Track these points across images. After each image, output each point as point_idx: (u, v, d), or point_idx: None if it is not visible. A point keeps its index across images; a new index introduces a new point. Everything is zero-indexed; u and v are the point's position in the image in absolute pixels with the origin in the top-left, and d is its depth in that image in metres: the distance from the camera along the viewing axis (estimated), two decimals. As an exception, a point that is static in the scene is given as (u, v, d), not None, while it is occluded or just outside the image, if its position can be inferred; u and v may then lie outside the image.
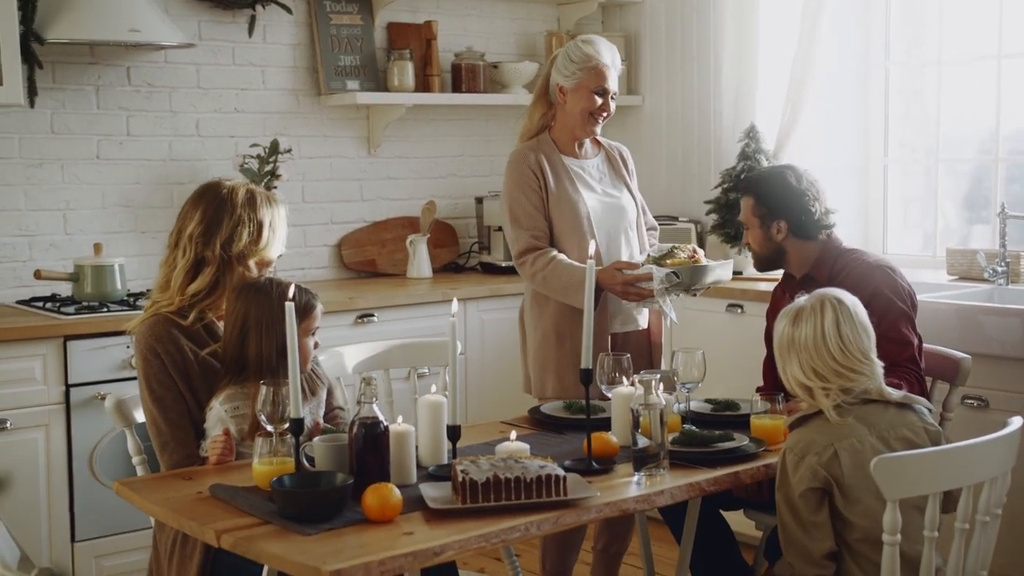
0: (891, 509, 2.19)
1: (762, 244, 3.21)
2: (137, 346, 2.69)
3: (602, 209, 3.47)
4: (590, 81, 3.43)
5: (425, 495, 2.30)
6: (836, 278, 3.05)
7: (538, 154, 3.46)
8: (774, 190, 3.17)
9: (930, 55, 4.84)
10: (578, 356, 3.30)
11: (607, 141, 3.66)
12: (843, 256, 3.15)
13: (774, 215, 3.16)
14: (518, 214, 3.43)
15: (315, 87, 4.78)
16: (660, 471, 2.46)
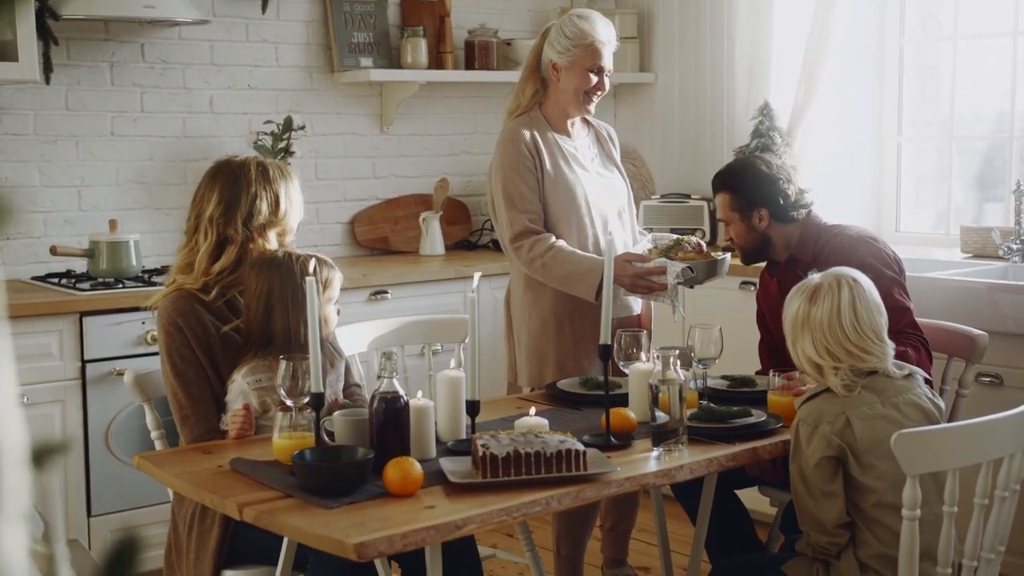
0: (911, 484, 2.20)
1: (746, 236, 3.17)
2: (160, 320, 2.70)
3: (598, 191, 3.38)
4: (585, 59, 3.30)
5: (445, 469, 2.31)
6: (820, 255, 3.05)
7: (532, 131, 3.32)
8: (748, 180, 3.15)
9: (945, 31, 4.82)
10: (579, 343, 3.33)
11: (594, 120, 3.54)
12: (824, 233, 3.14)
13: (753, 204, 3.14)
14: (513, 195, 3.29)
15: (328, 64, 4.78)
16: (679, 447, 2.47)
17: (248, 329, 2.68)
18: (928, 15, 4.96)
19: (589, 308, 3.27)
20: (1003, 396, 3.63)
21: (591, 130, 3.51)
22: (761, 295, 3.33)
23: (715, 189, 3.24)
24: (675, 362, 2.51)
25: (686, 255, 3.21)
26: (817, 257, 3.05)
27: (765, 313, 3.31)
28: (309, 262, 2.58)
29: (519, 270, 3.39)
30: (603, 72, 3.34)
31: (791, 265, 3.13)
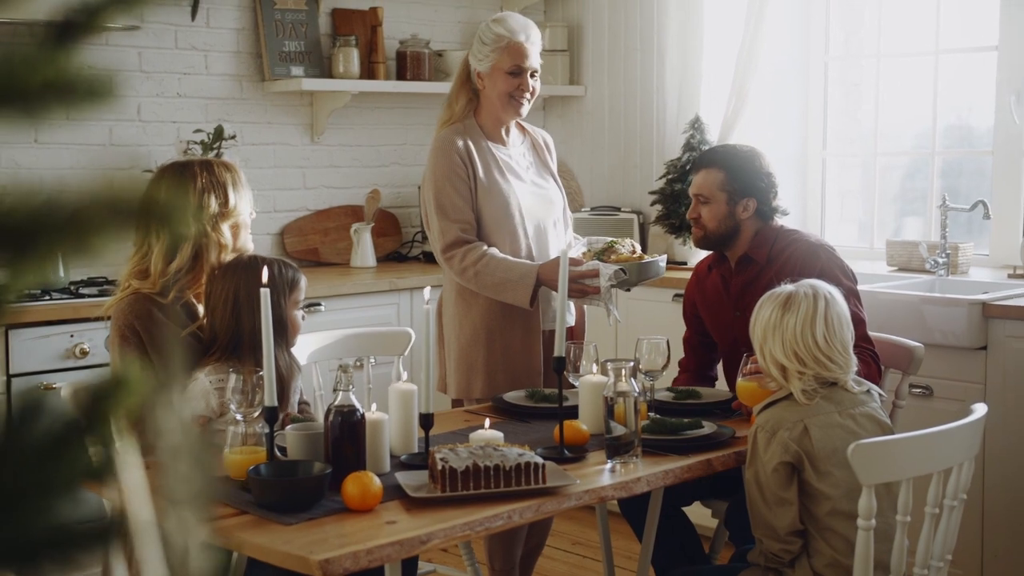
0: (866, 494, 2.23)
1: (722, 220, 3.11)
2: (115, 323, 2.65)
3: (532, 201, 3.34)
4: (504, 62, 3.25)
5: (403, 483, 2.28)
6: (778, 259, 3.05)
7: (465, 140, 3.28)
8: (747, 167, 3.12)
9: (868, 48, 4.93)
10: (509, 356, 3.29)
11: (531, 127, 3.51)
12: (782, 236, 3.13)
13: (745, 192, 3.09)
14: (445, 205, 3.24)
15: (259, 73, 4.72)
16: (634, 459, 2.47)
17: (212, 331, 2.63)
18: (851, 32, 5.07)
19: (519, 320, 3.26)
20: (933, 407, 3.71)
21: (527, 138, 3.47)
22: (695, 290, 3.30)
23: (708, 163, 3.15)
24: (627, 374, 2.51)
25: (620, 257, 3.16)
26: (773, 259, 3.05)
27: (699, 309, 3.28)
28: (272, 266, 2.56)
29: (451, 281, 3.34)
30: (525, 72, 3.27)
31: (744, 264, 3.11)
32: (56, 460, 0.48)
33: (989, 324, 3.65)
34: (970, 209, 4.24)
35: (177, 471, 0.49)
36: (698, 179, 3.16)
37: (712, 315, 3.22)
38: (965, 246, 4.33)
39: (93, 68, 0.47)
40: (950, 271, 4.25)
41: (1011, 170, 4.39)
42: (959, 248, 4.30)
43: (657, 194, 4.85)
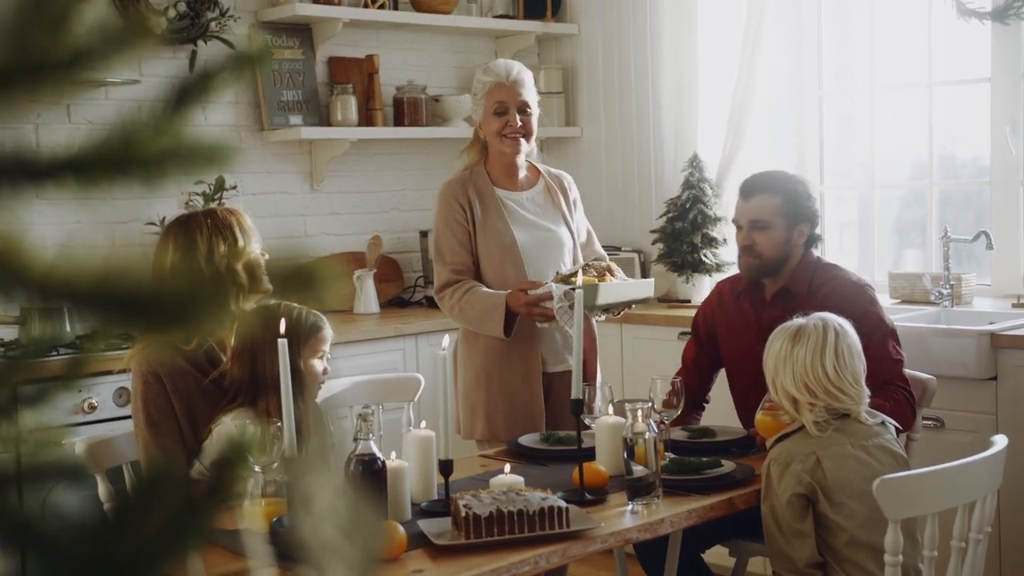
0: (892, 530, 2.22)
1: (779, 247, 3.04)
2: (137, 370, 2.65)
3: (533, 243, 3.35)
4: (489, 104, 3.33)
5: (426, 531, 2.27)
6: (818, 293, 3.01)
7: (467, 185, 3.36)
8: (800, 192, 3.07)
9: (861, 82, 4.97)
10: (507, 398, 3.29)
11: (548, 169, 3.54)
12: (821, 270, 3.09)
13: (801, 217, 3.04)
14: (442, 248, 3.34)
15: (258, 122, 4.73)
16: (656, 499, 2.46)
17: (234, 378, 2.63)
18: (844, 66, 5.11)
19: (517, 361, 3.28)
20: (945, 439, 3.70)
21: (541, 181, 3.48)
22: (716, 313, 3.24)
23: (763, 188, 3.07)
24: (644, 415, 2.51)
25: (587, 279, 3.09)
26: (813, 293, 3.01)
27: (718, 332, 3.21)
28: (291, 314, 2.56)
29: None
30: (510, 110, 3.31)
31: (781, 296, 3.05)
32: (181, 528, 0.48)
33: (998, 354, 3.65)
34: (973, 240, 4.26)
35: (328, 541, 0.49)
36: (753, 205, 3.06)
37: (734, 344, 3.18)
38: (968, 276, 4.34)
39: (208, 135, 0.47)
40: (955, 302, 4.26)
41: (1009, 199, 4.42)
42: (962, 279, 4.31)
43: (658, 232, 4.86)
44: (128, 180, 0.48)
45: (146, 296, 0.45)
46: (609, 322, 4.67)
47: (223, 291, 0.46)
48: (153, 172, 0.48)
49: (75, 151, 0.46)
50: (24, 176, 0.46)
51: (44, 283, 0.44)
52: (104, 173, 0.46)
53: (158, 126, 0.48)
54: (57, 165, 0.46)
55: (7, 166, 0.45)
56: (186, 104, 0.50)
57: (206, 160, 0.49)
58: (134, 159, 0.47)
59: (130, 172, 0.47)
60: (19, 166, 0.45)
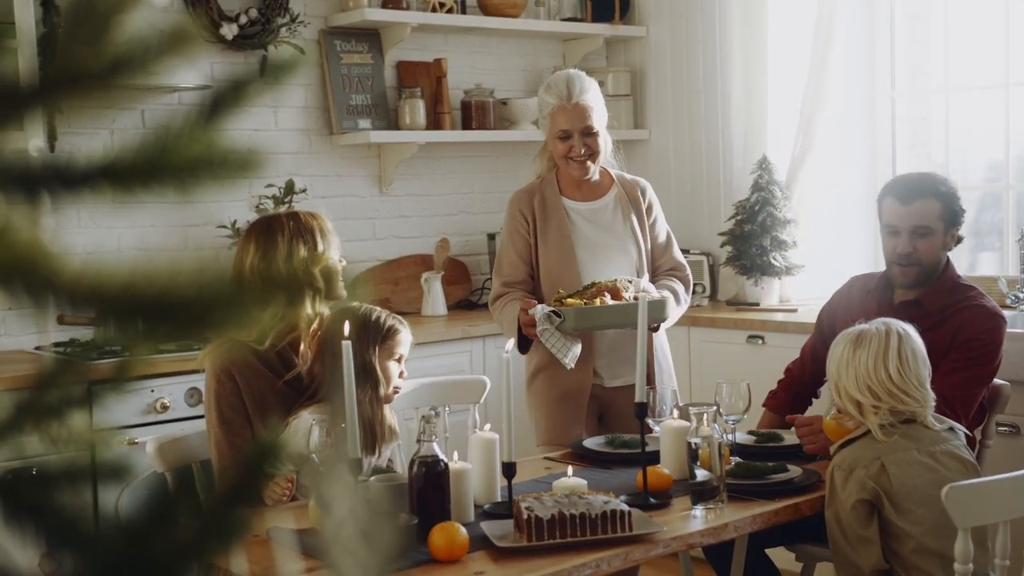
0: (962, 538, 2.18)
1: (937, 253, 2.96)
2: (211, 369, 2.69)
3: (594, 256, 3.30)
4: (553, 127, 3.27)
5: (488, 533, 2.27)
6: (952, 318, 2.90)
7: (535, 196, 3.35)
8: (954, 195, 2.99)
9: (935, 83, 4.89)
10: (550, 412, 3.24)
11: (622, 176, 3.47)
12: (958, 291, 2.97)
13: (955, 222, 2.98)
14: (502, 261, 3.37)
15: (327, 126, 4.78)
16: (720, 504, 2.44)
17: (315, 375, 2.67)
18: (917, 67, 5.03)
19: (563, 375, 3.20)
20: (1021, 445, 3.62)
21: (615, 190, 3.41)
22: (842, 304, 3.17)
23: (925, 193, 2.97)
24: (710, 418, 2.49)
25: (574, 302, 3.03)
26: (945, 312, 2.91)
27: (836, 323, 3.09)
28: (369, 316, 2.62)
29: None
30: (572, 135, 3.24)
31: (908, 308, 2.93)
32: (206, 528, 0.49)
33: (1075, 359, 3.56)
34: (1050, 242, 4.16)
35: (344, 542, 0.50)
36: (915, 210, 2.97)
37: None
38: (1045, 279, 4.25)
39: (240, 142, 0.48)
40: (1031, 305, 4.17)
41: (1089, 201, 4.31)
42: (1039, 282, 4.22)
43: (727, 235, 4.82)
44: (162, 187, 0.49)
45: (172, 303, 0.46)
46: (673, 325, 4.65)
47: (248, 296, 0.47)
48: (186, 179, 0.49)
49: (111, 159, 0.47)
50: (60, 184, 0.47)
51: (72, 289, 0.45)
52: (138, 180, 0.47)
53: (192, 134, 0.49)
54: (92, 173, 0.47)
55: (43, 174, 0.47)
56: (219, 112, 0.51)
57: (239, 167, 0.50)
58: (167, 166, 0.48)
59: (163, 179, 0.48)
60: (55, 174, 0.46)
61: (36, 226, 0.47)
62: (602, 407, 3.31)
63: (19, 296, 0.46)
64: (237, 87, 0.51)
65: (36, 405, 0.64)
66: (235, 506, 0.49)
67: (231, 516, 0.48)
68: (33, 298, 0.46)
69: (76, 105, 0.52)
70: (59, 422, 0.63)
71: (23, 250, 0.43)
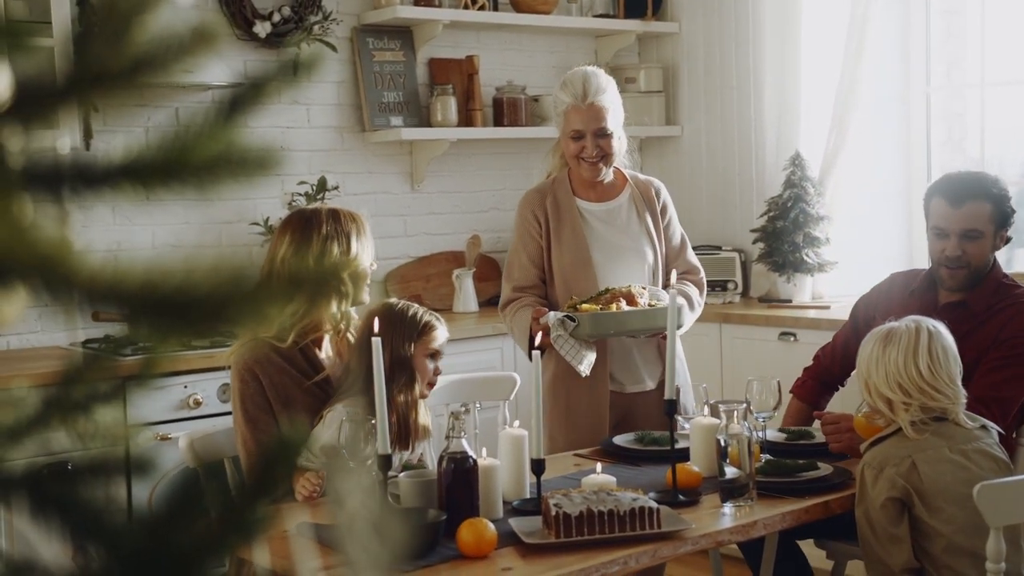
0: (994, 536, 2.17)
1: (986, 255, 2.91)
2: (235, 368, 2.71)
3: (609, 259, 3.22)
4: (566, 126, 3.19)
5: (516, 529, 2.28)
6: (998, 315, 2.86)
7: (547, 196, 3.26)
8: (1005, 196, 2.94)
9: (971, 78, 4.84)
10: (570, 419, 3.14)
11: (636, 176, 3.36)
12: (1004, 290, 2.93)
13: (1006, 223, 2.92)
14: (512, 263, 3.29)
15: (359, 124, 4.80)
16: (749, 501, 2.44)
17: (349, 370, 2.68)
18: (953, 63, 4.98)
19: (583, 381, 3.12)
20: (1056, 443, 3.59)
21: (629, 190, 3.32)
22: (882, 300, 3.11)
23: (975, 195, 2.91)
24: (740, 416, 2.49)
25: (590, 307, 2.96)
26: (992, 314, 2.87)
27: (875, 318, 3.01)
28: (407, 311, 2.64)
29: None
30: (584, 136, 3.15)
31: (955, 308, 2.89)
32: (227, 523, 0.49)
33: (1112, 357, 3.52)
34: (1086, 238, 4.12)
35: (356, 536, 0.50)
36: (966, 213, 2.90)
37: None
38: (1082, 276, 4.20)
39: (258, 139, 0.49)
40: (1067, 303, 4.12)
41: None
42: (1075, 279, 4.18)
43: (759, 232, 4.80)
44: (181, 185, 0.49)
45: (187, 299, 0.47)
46: (702, 322, 4.63)
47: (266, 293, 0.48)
48: (205, 177, 0.49)
49: (131, 158, 0.48)
50: (82, 182, 0.48)
51: (91, 287, 0.46)
52: (158, 178, 0.48)
53: (211, 132, 0.49)
54: (113, 171, 0.48)
55: (66, 172, 0.48)
56: (239, 110, 0.52)
57: (258, 165, 0.50)
58: (187, 165, 0.48)
59: (183, 178, 0.49)
60: (77, 172, 0.47)
61: (59, 224, 0.48)
62: (618, 415, 3.22)
63: (40, 293, 0.47)
64: (256, 86, 0.52)
65: (64, 400, 0.65)
66: (257, 500, 0.49)
67: (253, 510, 0.49)
68: (53, 295, 0.47)
69: (105, 102, 0.53)
70: (86, 417, 0.64)
71: (44, 248, 0.44)
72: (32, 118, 0.50)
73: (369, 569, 0.52)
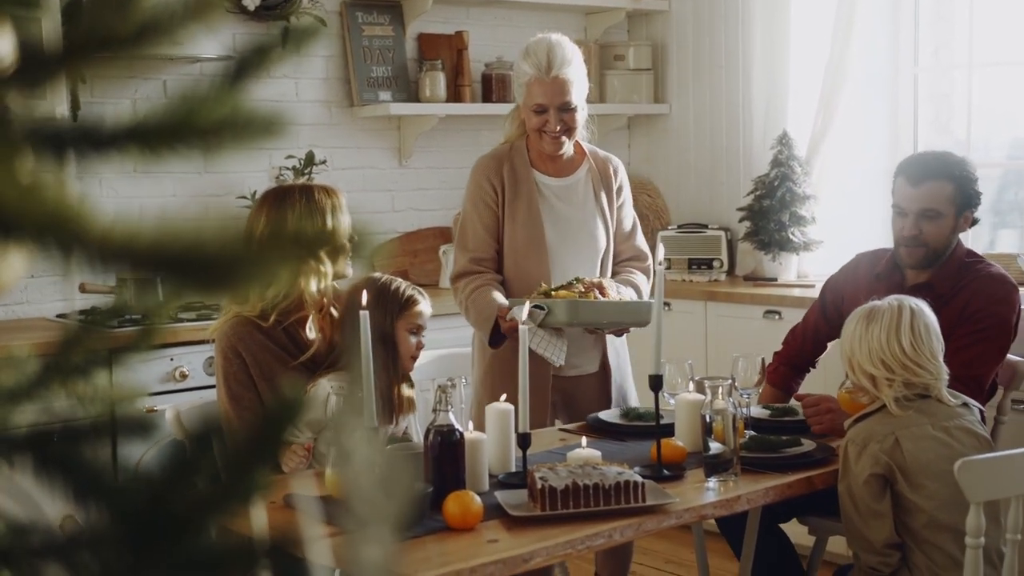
0: (974, 512, 2.20)
1: (947, 236, 2.91)
2: (218, 345, 2.73)
3: (562, 239, 3.16)
4: (528, 98, 3.07)
5: (502, 502, 2.30)
6: (962, 293, 2.88)
7: (504, 164, 3.16)
8: (971, 179, 2.94)
9: (959, 59, 4.86)
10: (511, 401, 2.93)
11: (595, 151, 3.27)
12: (967, 268, 2.94)
13: (969, 203, 2.92)
14: (466, 231, 3.17)
15: (348, 98, 4.79)
16: (733, 477, 2.46)
17: (333, 345, 2.70)
18: (941, 44, 5.00)
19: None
20: (1036, 422, 3.63)
21: (587, 165, 3.23)
22: (849, 286, 3.12)
23: (937, 174, 2.92)
24: (724, 392, 2.51)
25: (568, 294, 2.88)
26: (958, 293, 2.88)
27: (843, 300, 3.08)
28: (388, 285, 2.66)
29: None
30: (548, 111, 3.05)
31: (922, 290, 2.88)
32: (229, 483, 0.50)
33: (1093, 337, 3.55)
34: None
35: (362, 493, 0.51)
36: (924, 192, 2.92)
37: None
38: (1065, 257, 4.24)
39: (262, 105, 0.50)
40: (1050, 284, 4.16)
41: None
42: (1059, 260, 4.21)
43: (745, 210, 4.82)
44: (187, 149, 0.50)
45: (198, 259, 0.48)
46: (690, 299, 4.66)
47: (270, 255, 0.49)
48: (211, 142, 0.50)
49: (138, 121, 0.49)
50: (88, 145, 0.49)
51: (102, 246, 0.47)
52: (164, 142, 0.49)
53: (216, 98, 0.50)
54: (120, 134, 0.48)
55: (72, 135, 0.48)
56: (243, 77, 0.53)
57: (262, 131, 0.51)
58: (193, 129, 0.49)
59: (189, 141, 0.49)
60: (83, 135, 0.48)
61: (65, 186, 0.48)
62: (560, 398, 3.20)
63: (52, 253, 0.48)
64: (261, 53, 0.53)
65: (62, 365, 0.66)
66: (255, 463, 0.50)
67: (251, 473, 0.50)
68: (65, 254, 0.48)
69: (100, 72, 0.54)
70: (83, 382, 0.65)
71: (55, 207, 0.45)
72: (36, 82, 0.50)
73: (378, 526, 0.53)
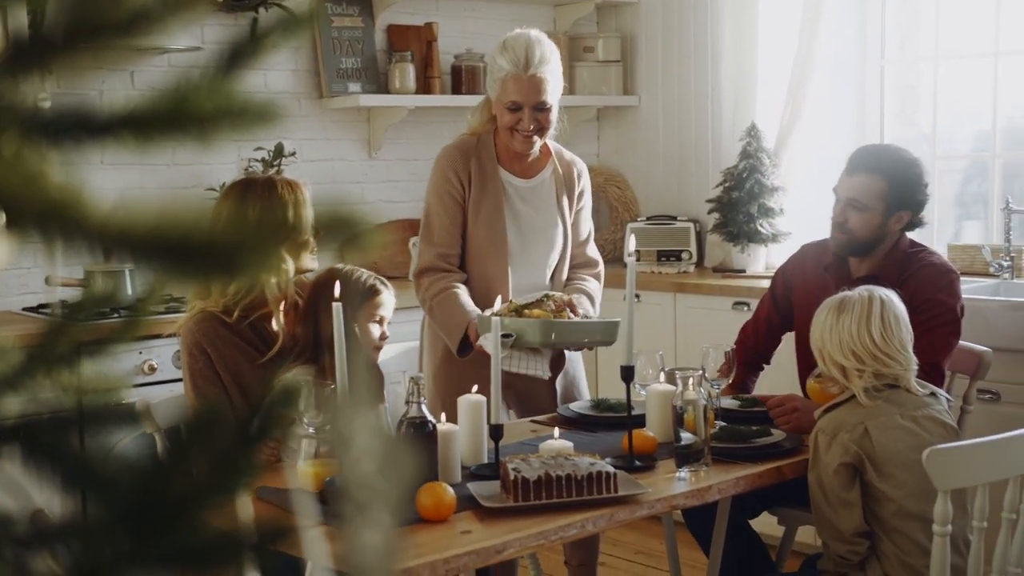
0: (942, 500, 2.22)
1: (873, 230, 2.93)
2: (183, 342, 2.72)
3: (523, 242, 3.13)
4: (503, 94, 3.00)
5: (475, 494, 2.30)
6: (908, 281, 2.91)
7: (471, 157, 3.09)
8: (911, 179, 2.95)
9: (925, 51, 4.90)
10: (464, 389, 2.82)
11: (560, 152, 3.24)
12: (911, 260, 2.98)
13: (903, 204, 2.93)
14: (432, 224, 3.10)
15: (317, 90, 4.77)
16: (704, 467, 2.48)
17: (297, 338, 2.69)
18: (907, 36, 5.04)
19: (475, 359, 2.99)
20: (1002, 412, 3.67)
21: (551, 167, 3.20)
22: (798, 276, 3.15)
23: (871, 169, 2.94)
24: (695, 383, 2.52)
25: (542, 313, 2.84)
26: (903, 279, 2.91)
27: (794, 298, 3.13)
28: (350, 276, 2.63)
29: None
30: (522, 109, 2.99)
31: (867, 281, 2.87)
32: (226, 468, 0.51)
33: (1057, 327, 3.61)
34: (1035, 211, 4.20)
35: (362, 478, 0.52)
36: (855, 183, 2.95)
37: (807, 312, 2.95)
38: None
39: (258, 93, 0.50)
40: (1015, 274, 4.21)
41: (1074, 172, 4.35)
42: (1023, 251, 4.26)
43: (714, 202, 4.84)
44: (183, 137, 0.50)
45: (200, 243, 0.48)
46: (659, 291, 4.68)
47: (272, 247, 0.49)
48: (207, 129, 0.50)
49: (132, 108, 0.49)
50: (84, 132, 0.48)
51: (102, 231, 0.47)
52: (159, 130, 0.49)
53: (212, 86, 0.50)
54: (115, 121, 0.48)
55: (68, 122, 0.48)
56: (238, 65, 0.53)
57: (257, 119, 0.51)
58: (188, 117, 0.49)
59: (185, 129, 0.49)
60: (79, 122, 0.48)
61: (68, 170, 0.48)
62: (511, 393, 3.16)
63: (54, 237, 0.48)
64: (257, 41, 0.53)
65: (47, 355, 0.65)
66: (249, 448, 0.51)
67: (244, 458, 0.50)
68: (67, 239, 0.48)
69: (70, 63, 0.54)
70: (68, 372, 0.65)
71: (55, 193, 0.45)
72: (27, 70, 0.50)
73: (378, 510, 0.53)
